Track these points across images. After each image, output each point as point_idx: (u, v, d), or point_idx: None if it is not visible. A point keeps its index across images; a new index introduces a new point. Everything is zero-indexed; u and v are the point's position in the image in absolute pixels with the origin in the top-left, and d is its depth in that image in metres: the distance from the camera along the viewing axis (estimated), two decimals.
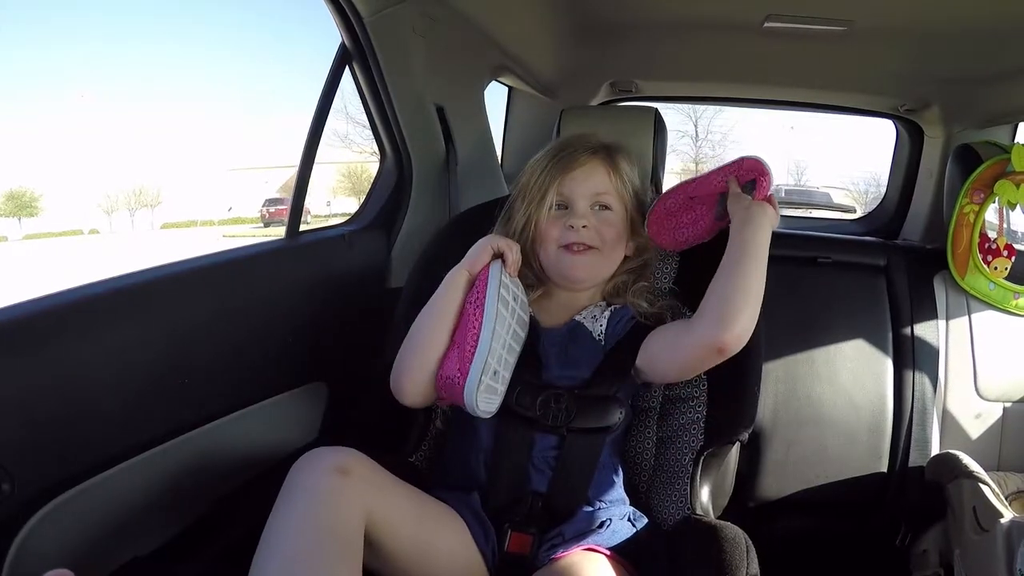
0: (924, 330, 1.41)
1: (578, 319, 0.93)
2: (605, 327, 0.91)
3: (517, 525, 0.82)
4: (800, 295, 1.44)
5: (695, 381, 0.94)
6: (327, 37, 1.16)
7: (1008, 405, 1.39)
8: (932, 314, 1.42)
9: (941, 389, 1.39)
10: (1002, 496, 1.11)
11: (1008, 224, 1.40)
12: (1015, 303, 1.40)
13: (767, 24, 1.40)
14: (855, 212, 3.27)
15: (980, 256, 1.40)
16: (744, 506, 1.38)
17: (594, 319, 0.92)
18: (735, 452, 0.98)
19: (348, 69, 1.18)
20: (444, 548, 0.79)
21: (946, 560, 1.20)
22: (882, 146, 2.23)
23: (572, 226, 0.90)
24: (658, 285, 1.00)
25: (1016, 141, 1.70)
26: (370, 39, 1.12)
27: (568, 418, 0.84)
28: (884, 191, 2.14)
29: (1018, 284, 1.40)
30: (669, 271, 1.02)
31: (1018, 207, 1.39)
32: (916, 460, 1.35)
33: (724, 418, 0.91)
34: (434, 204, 1.36)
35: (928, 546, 1.26)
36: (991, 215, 1.40)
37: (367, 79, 1.20)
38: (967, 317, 1.42)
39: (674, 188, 0.95)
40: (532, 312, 0.91)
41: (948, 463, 1.22)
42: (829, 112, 2.17)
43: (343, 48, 1.15)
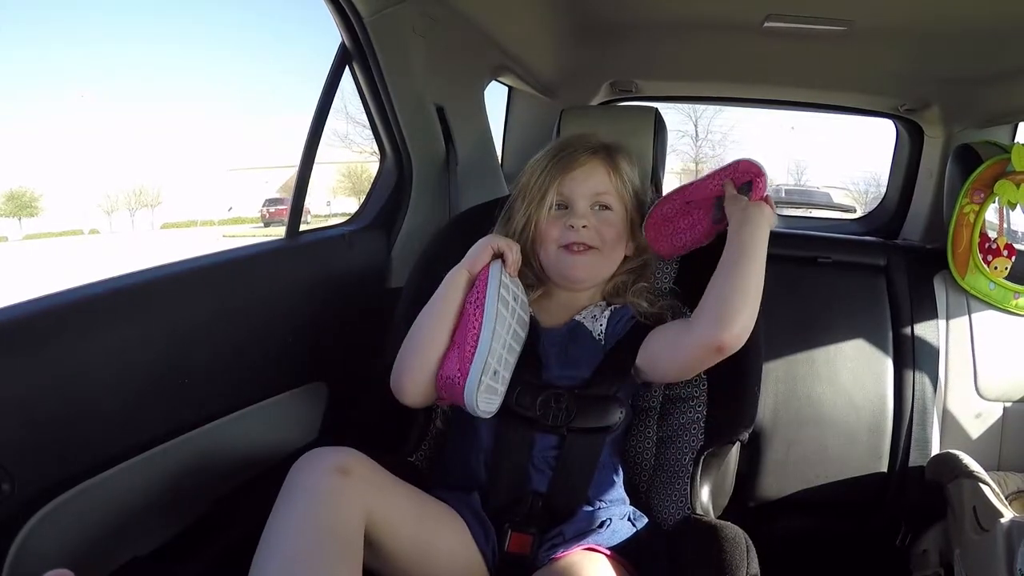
0: (924, 330, 1.41)
1: (578, 319, 0.93)
2: (605, 327, 0.91)
3: (517, 525, 0.82)
4: (800, 295, 1.43)
5: (695, 381, 0.94)
6: (327, 37, 1.17)
7: (1008, 405, 1.39)
8: (932, 314, 1.42)
9: (941, 389, 1.39)
10: (1002, 496, 1.11)
11: (1008, 224, 1.39)
12: (1015, 303, 1.40)
13: (767, 24, 1.40)
14: (855, 212, 3.27)
15: (980, 256, 1.40)
16: (744, 506, 1.38)
17: (594, 319, 0.92)
18: (735, 452, 0.98)
19: (348, 69, 1.18)
20: (444, 548, 0.79)
21: (946, 560, 1.20)
22: (882, 146, 2.23)
23: (572, 226, 0.90)
24: (658, 285, 1.00)
25: (1016, 141, 1.70)
26: (370, 39, 1.12)
27: (568, 418, 0.84)
28: (884, 191, 2.14)
29: (1018, 284, 1.40)
30: (669, 271, 1.02)
31: (1018, 207, 1.39)
32: (916, 460, 1.35)
33: (724, 418, 0.91)
34: (434, 204, 1.36)
35: (928, 546, 1.26)
36: (991, 215, 1.40)
37: (367, 79, 1.20)
38: (967, 317, 1.42)
39: (670, 194, 0.94)
40: (532, 312, 0.91)
41: (948, 463, 1.22)
42: (829, 112, 2.17)
43: (343, 48, 1.15)
